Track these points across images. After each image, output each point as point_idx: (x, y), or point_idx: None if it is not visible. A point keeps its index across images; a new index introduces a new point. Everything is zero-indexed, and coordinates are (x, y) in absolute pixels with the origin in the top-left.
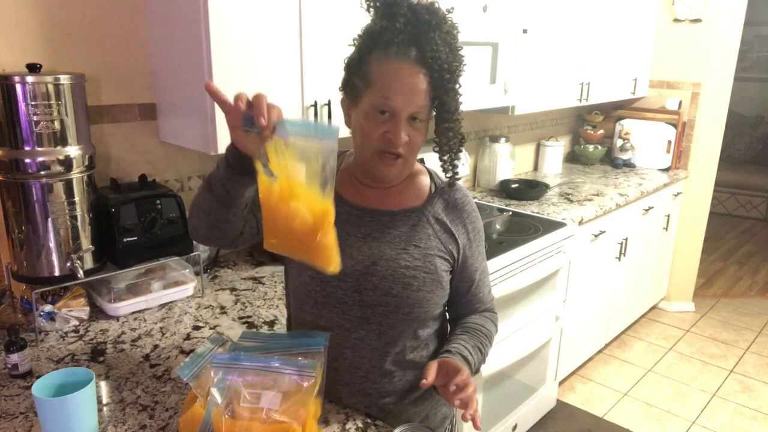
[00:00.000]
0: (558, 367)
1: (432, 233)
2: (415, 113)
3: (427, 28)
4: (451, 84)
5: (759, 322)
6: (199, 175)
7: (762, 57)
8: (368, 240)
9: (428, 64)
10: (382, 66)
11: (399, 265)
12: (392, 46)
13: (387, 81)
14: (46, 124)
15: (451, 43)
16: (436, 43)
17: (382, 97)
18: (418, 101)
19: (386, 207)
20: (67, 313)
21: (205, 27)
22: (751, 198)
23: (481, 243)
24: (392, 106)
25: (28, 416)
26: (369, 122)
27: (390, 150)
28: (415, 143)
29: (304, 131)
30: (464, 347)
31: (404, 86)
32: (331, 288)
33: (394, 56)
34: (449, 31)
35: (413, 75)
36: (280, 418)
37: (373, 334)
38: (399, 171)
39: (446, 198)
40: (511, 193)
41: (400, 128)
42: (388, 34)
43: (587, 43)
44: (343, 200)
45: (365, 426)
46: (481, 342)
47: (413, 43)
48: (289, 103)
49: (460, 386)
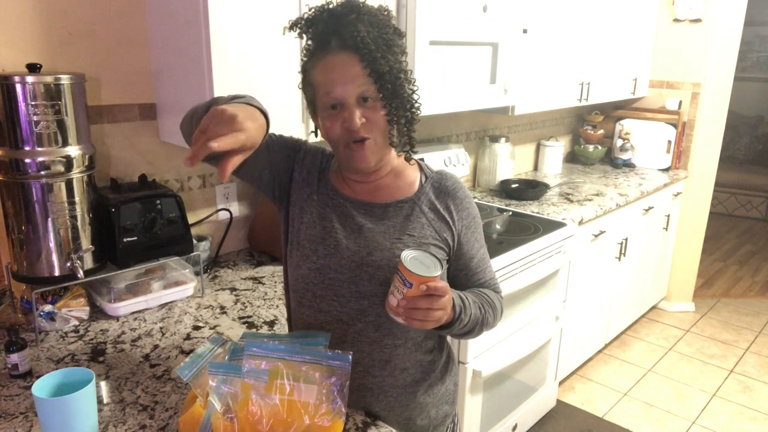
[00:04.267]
0: (558, 367)
1: (426, 222)
2: (361, 94)
3: (343, 18)
4: (385, 55)
5: (759, 322)
6: (199, 175)
7: (762, 57)
8: (363, 231)
9: (351, 45)
10: (316, 68)
11: (394, 254)
12: (318, 48)
13: (324, 78)
14: (46, 124)
15: (373, 20)
16: (353, 25)
17: (326, 93)
18: (357, 82)
19: (379, 200)
20: (67, 313)
21: (205, 27)
22: (751, 198)
23: (477, 230)
24: (336, 97)
25: (28, 416)
26: (327, 121)
27: (353, 137)
28: (375, 122)
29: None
30: (464, 294)
31: (338, 75)
32: (329, 280)
33: (321, 54)
34: (367, 11)
35: (342, 61)
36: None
37: (371, 326)
38: (373, 154)
39: (437, 186)
40: (511, 193)
41: (352, 112)
42: (314, 42)
43: (587, 43)
44: (338, 193)
45: (365, 426)
46: (482, 305)
47: (331, 35)
48: (289, 103)
49: (428, 291)
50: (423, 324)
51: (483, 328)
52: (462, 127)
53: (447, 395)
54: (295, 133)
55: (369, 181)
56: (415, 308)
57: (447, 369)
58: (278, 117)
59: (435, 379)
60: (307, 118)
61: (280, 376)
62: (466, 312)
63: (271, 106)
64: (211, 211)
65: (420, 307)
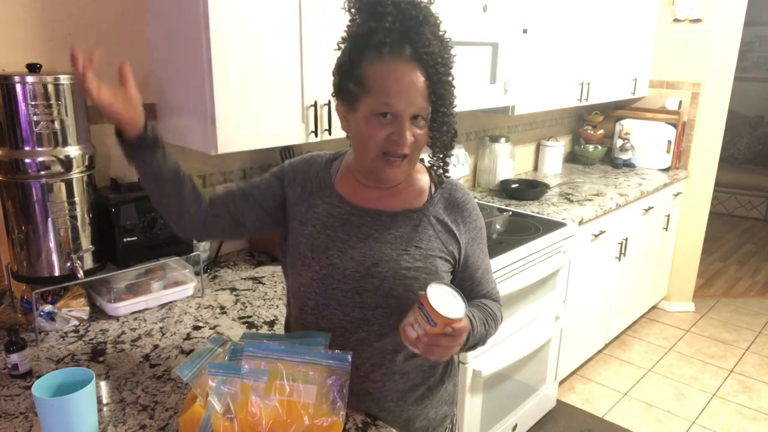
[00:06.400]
0: (558, 367)
1: (433, 234)
2: (417, 112)
3: (416, 24)
4: (446, 77)
5: (759, 322)
6: (199, 175)
7: (762, 57)
8: (369, 241)
9: (423, 59)
10: (377, 69)
11: (400, 266)
12: (385, 47)
13: (385, 84)
14: (46, 124)
15: (440, 36)
16: (427, 37)
17: (383, 101)
18: (418, 101)
19: (387, 207)
20: (67, 313)
21: (205, 27)
22: (751, 198)
23: (482, 241)
24: (394, 109)
25: (28, 416)
26: (370, 127)
27: (396, 152)
28: (419, 142)
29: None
30: (471, 314)
31: (403, 87)
32: (331, 290)
33: (389, 57)
34: (435, 23)
35: (411, 73)
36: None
37: (374, 336)
38: (405, 171)
39: (447, 197)
40: (511, 193)
41: (405, 130)
42: (379, 35)
43: (587, 43)
44: (343, 200)
45: (365, 426)
46: (487, 320)
47: (405, 41)
48: (289, 104)
49: (453, 333)
50: (440, 357)
51: (485, 341)
52: (462, 127)
53: (446, 396)
54: (294, 133)
55: (382, 188)
56: (435, 345)
57: (447, 371)
58: (278, 117)
59: (435, 382)
60: (307, 119)
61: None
62: (474, 334)
63: (271, 106)
64: None
65: (441, 345)
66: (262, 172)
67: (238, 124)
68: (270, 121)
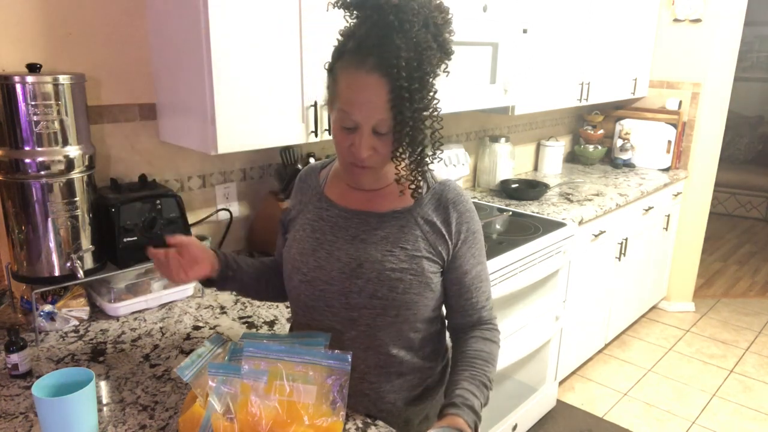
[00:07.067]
0: (558, 367)
1: (420, 234)
2: (376, 126)
3: (391, 31)
4: (417, 86)
5: (759, 322)
6: (199, 175)
7: (762, 57)
8: (355, 242)
9: (388, 71)
10: (344, 76)
11: (384, 267)
12: (353, 55)
13: (347, 94)
14: (46, 124)
15: (418, 42)
16: (397, 46)
17: (344, 111)
18: (377, 114)
19: (374, 209)
20: (67, 313)
21: (205, 27)
22: (751, 198)
23: (475, 245)
24: (354, 120)
25: (28, 416)
26: (338, 134)
27: (356, 163)
28: (381, 154)
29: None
30: (469, 392)
31: (363, 99)
32: (318, 292)
33: (354, 67)
34: (412, 29)
35: (371, 86)
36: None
37: (363, 335)
38: (371, 178)
39: (438, 198)
40: (511, 193)
41: (362, 143)
42: (352, 42)
43: (587, 43)
44: (332, 204)
45: (365, 426)
46: (485, 375)
47: (373, 51)
48: (289, 104)
49: None
50: None
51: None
52: (462, 127)
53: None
54: (294, 133)
55: (368, 191)
56: None
57: (446, 372)
58: (278, 117)
59: (433, 382)
60: (307, 118)
61: (280, 377)
62: (481, 409)
63: (272, 106)
64: (211, 211)
65: None
66: (262, 172)
67: (238, 124)
68: (270, 121)
